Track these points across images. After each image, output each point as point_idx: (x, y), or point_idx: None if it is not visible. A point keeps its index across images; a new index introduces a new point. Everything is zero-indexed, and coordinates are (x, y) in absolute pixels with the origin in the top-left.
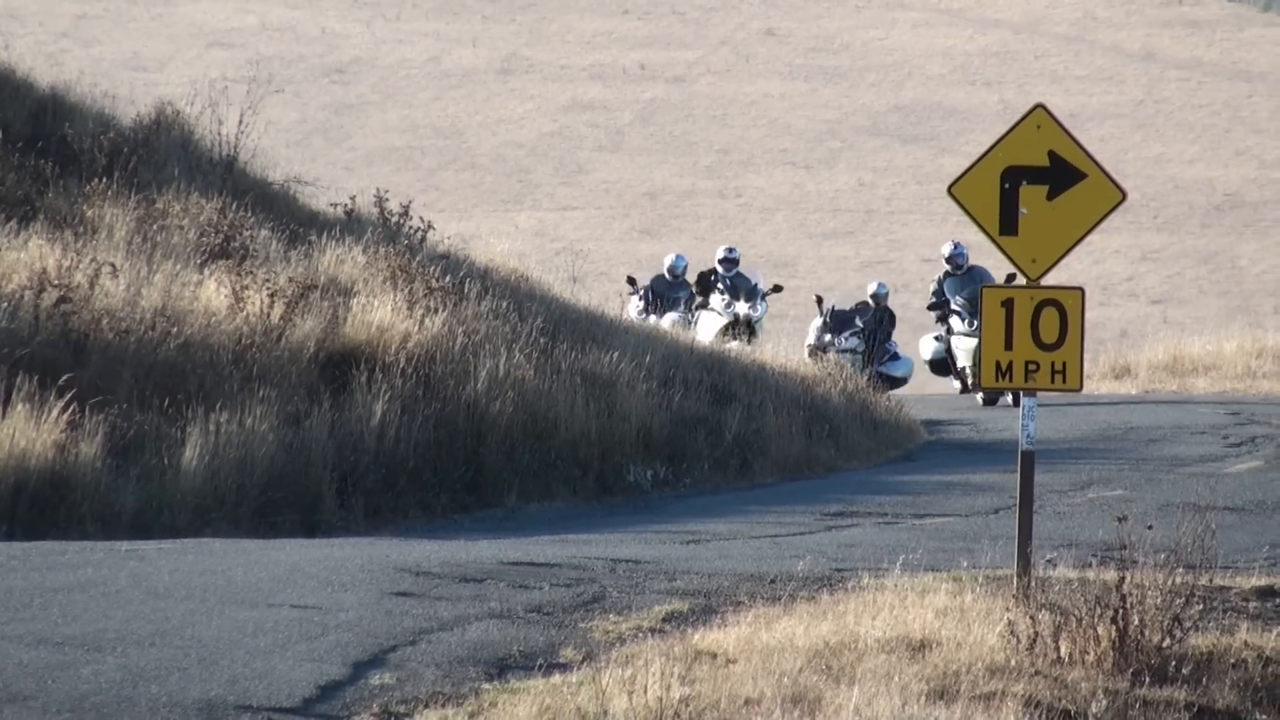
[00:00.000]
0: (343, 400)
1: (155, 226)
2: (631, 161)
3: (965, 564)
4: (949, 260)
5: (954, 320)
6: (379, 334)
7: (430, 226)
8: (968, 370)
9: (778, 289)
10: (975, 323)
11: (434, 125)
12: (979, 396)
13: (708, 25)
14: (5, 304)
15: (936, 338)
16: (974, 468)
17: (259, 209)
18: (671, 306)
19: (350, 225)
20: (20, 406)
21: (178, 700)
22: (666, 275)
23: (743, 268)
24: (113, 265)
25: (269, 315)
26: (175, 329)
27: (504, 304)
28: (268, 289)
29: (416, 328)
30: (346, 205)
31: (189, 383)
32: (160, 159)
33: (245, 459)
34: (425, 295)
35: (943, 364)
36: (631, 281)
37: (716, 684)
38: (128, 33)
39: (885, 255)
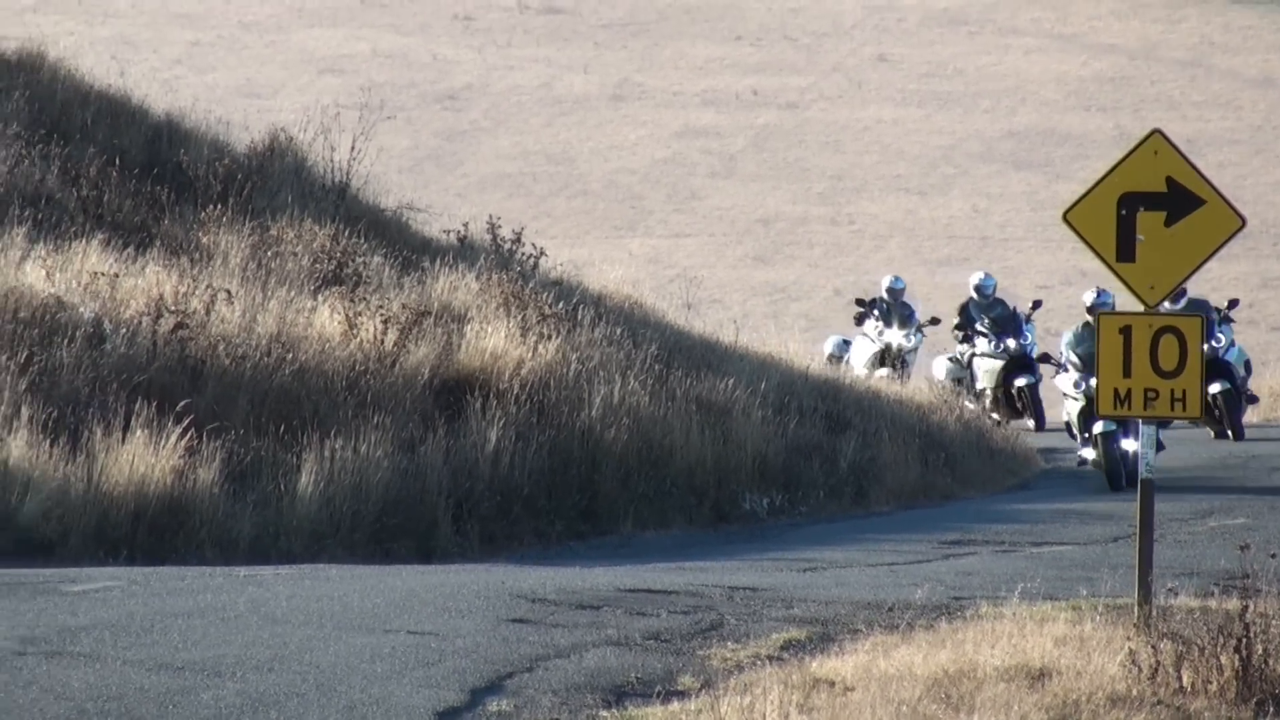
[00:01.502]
0: (457, 427)
1: (269, 253)
2: (744, 188)
3: (1084, 592)
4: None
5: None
6: (493, 360)
7: (543, 253)
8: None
9: (935, 321)
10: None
11: (546, 151)
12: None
13: (820, 51)
14: (123, 330)
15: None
16: (1092, 496)
17: (372, 235)
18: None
19: (463, 252)
20: (139, 432)
21: None
22: (886, 297)
23: (906, 297)
24: (228, 291)
25: (383, 342)
26: (290, 355)
27: (618, 331)
28: (381, 315)
29: (530, 354)
30: (459, 232)
31: (304, 409)
32: (274, 185)
33: (360, 485)
34: (539, 322)
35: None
36: (861, 304)
37: (834, 712)
38: (241, 60)
39: (1000, 282)
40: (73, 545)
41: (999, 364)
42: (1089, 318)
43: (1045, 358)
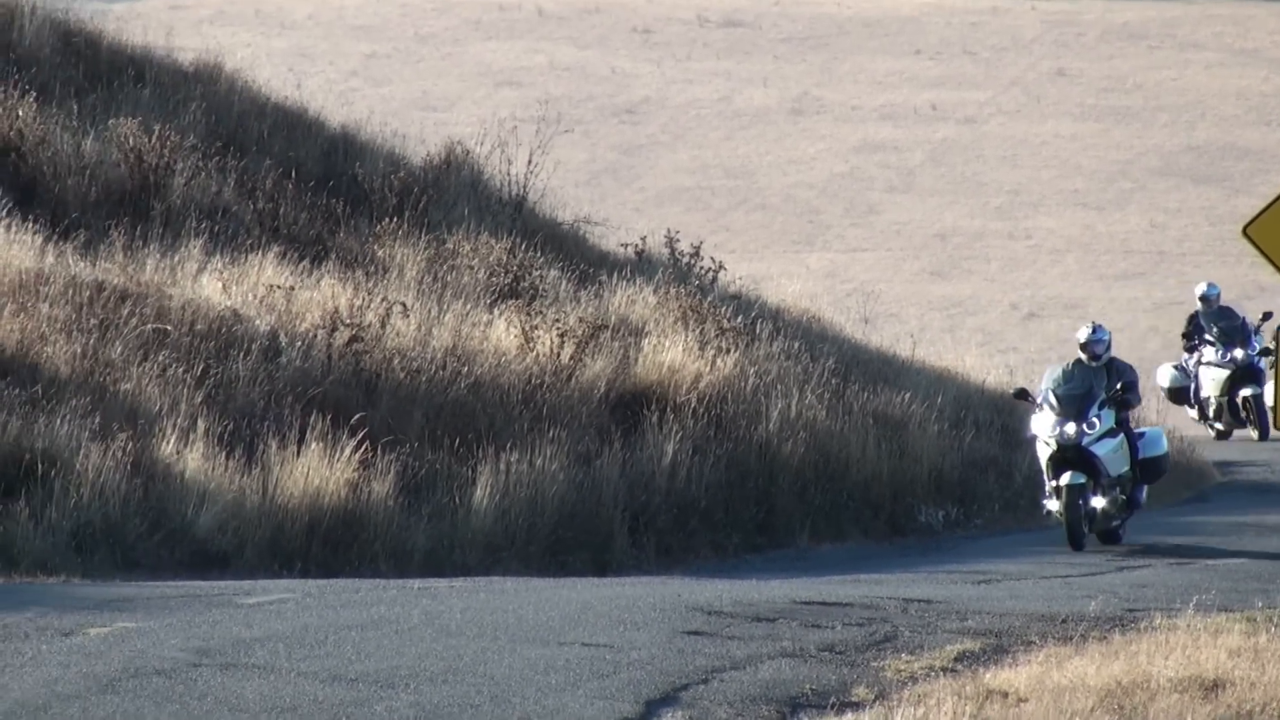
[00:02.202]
0: (633, 440)
1: (445, 266)
2: (922, 203)
3: (1260, 604)
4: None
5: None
6: (670, 374)
7: (721, 267)
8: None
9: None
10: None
11: (724, 165)
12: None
13: (999, 65)
14: (299, 343)
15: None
16: (1269, 508)
17: (548, 249)
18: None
19: (640, 266)
20: (314, 445)
21: None
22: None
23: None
24: (403, 305)
25: (559, 355)
26: (465, 369)
27: (795, 345)
28: (558, 329)
29: (708, 368)
30: (637, 246)
31: (479, 422)
32: (450, 199)
33: (536, 498)
34: (716, 336)
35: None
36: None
37: None
38: (417, 72)
39: (1177, 297)
40: (247, 558)
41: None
42: (1081, 355)
43: (1023, 393)
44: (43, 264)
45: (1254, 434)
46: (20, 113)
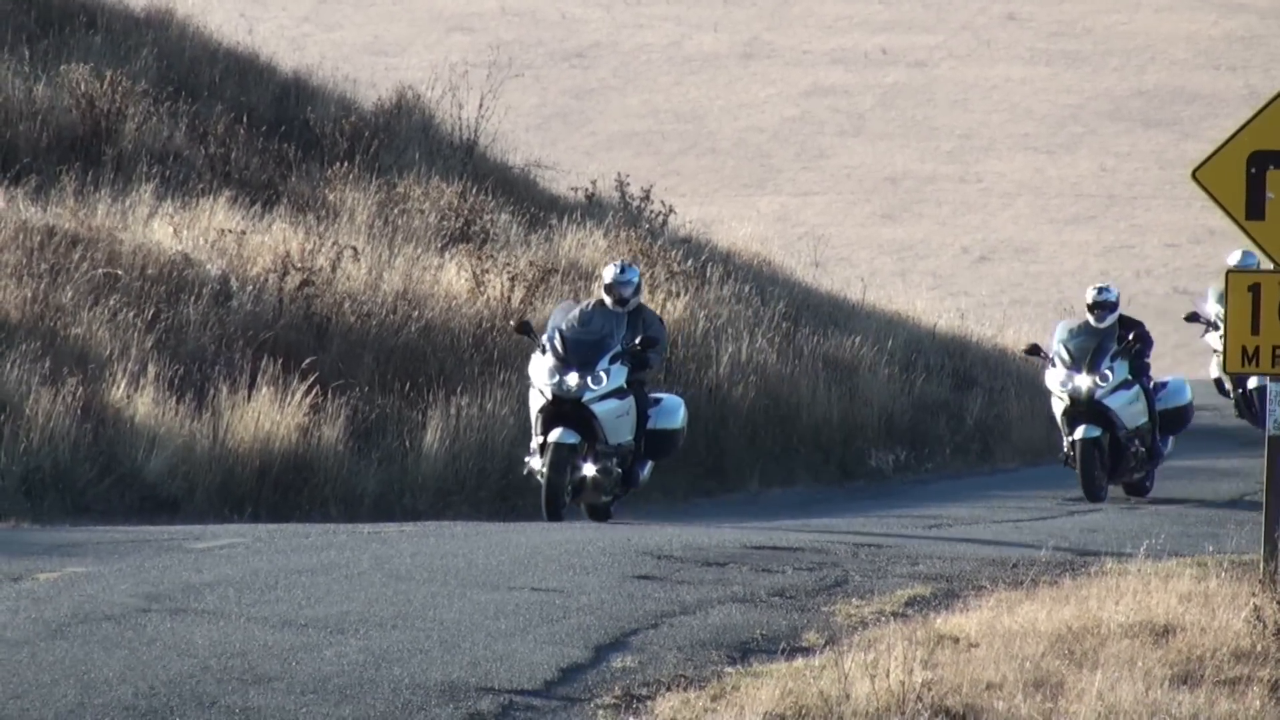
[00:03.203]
0: None
1: (396, 210)
2: (872, 146)
3: (1210, 549)
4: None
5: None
6: None
7: (671, 211)
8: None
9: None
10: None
11: (675, 110)
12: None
13: (949, 9)
14: (250, 287)
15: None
16: (1219, 453)
17: (499, 193)
18: None
19: (591, 209)
20: (265, 389)
21: (420, 682)
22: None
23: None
24: (354, 249)
25: (510, 299)
26: (416, 313)
27: (746, 288)
28: (508, 273)
29: (659, 311)
30: (587, 190)
31: (429, 366)
32: (401, 143)
33: (486, 442)
34: (667, 279)
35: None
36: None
37: (959, 668)
38: (368, 17)
39: (1128, 240)
40: (198, 502)
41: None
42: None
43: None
44: None
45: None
46: None
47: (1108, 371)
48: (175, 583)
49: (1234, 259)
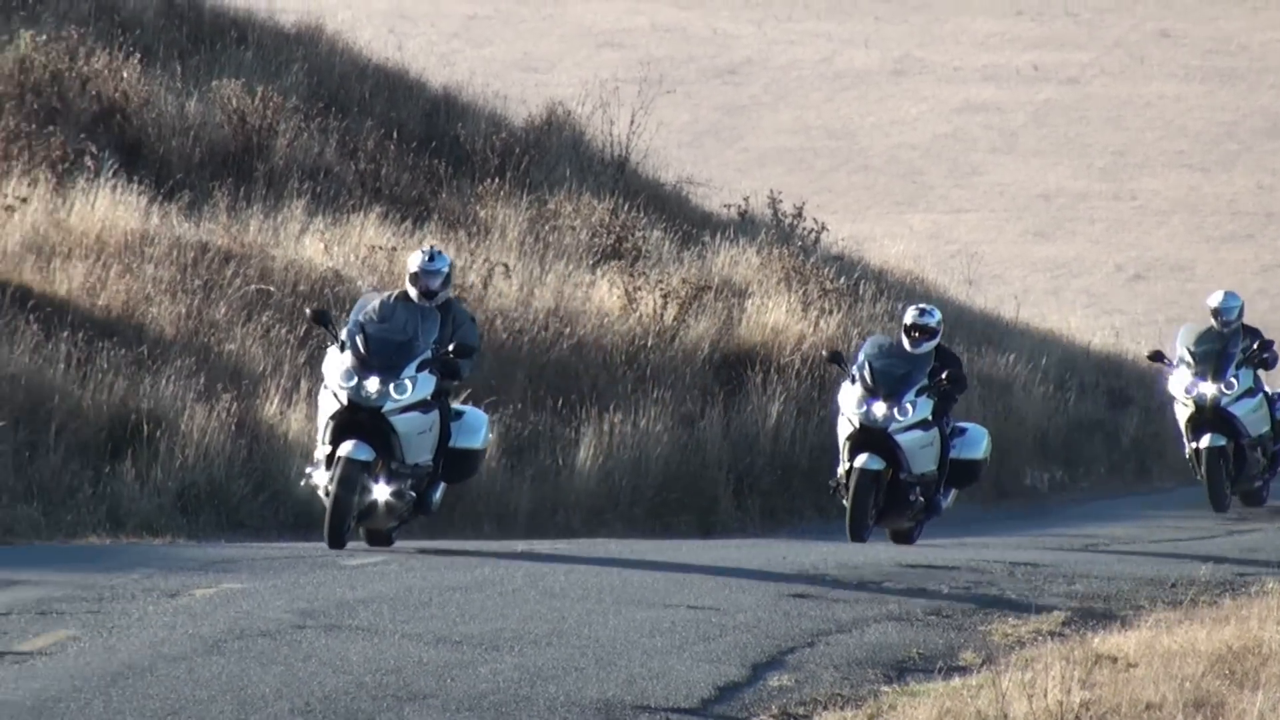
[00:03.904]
0: (737, 401)
1: (547, 227)
2: (1025, 164)
3: None
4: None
5: None
6: (774, 335)
7: (824, 228)
8: None
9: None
10: None
11: (826, 126)
12: None
13: (1101, 26)
14: None
15: None
16: None
17: (651, 210)
18: None
19: (743, 227)
20: None
21: (575, 700)
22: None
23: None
24: (505, 265)
25: (662, 316)
26: (568, 329)
27: (898, 306)
28: (661, 290)
29: (811, 329)
30: (740, 207)
31: (582, 383)
32: (551, 160)
33: (639, 459)
34: (820, 297)
35: None
36: None
37: (1117, 688)
38: (518, 33)
39: None
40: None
41: None
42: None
43: (1158, 355)
44: (148, 225)
45: None
46: (125, 75)
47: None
48: (330, 599)
49: (1215, 300)
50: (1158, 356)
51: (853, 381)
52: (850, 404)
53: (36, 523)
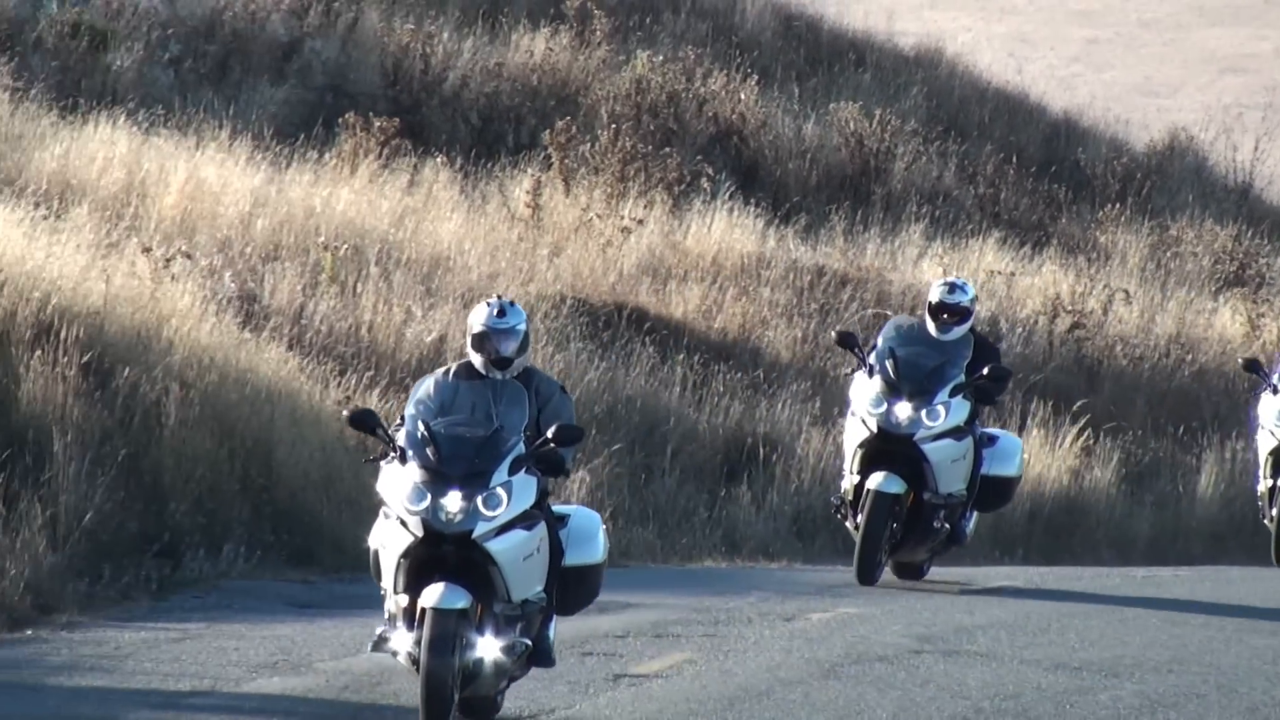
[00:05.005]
0: None
1: (1168, 253)
2: None
3: None
4: None
5: None
6: None
7: None
8: None
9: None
10: None
11: None
12: None
13: None
14: (1020, 329)
15: None
16: None
17: (1275, 237)
18: None
19: None
20: (1035, 431)
21: None
22: None
23: None
24: (1126, 292)
25: None
26: (1189, 356)
27: None
28: None
29: None
30: None
31: (1203, 410)
32: (1173, 185)
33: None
34: None
35: None
36: None
37: None
38: (1139, 58)
39: None
40: (971, 545)
41: None
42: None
43: (1254, 364)
44: (764, 248)
45: None
46: (742, 96)
47: (940, 408)
48: (947, 624)
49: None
50: (1252, 365)
51: (870, 374)
52: (866, 402)
53: (652, 545)
